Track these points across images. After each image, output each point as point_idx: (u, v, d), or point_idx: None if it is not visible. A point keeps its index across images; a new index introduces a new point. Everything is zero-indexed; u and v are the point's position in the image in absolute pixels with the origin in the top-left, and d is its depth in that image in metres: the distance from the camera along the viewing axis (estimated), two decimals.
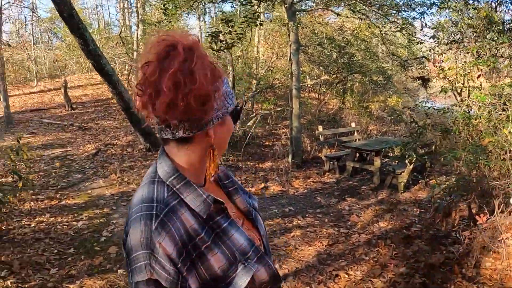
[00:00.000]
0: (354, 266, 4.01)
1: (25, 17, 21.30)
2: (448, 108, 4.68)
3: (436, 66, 6.14)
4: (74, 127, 11.81)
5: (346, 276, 3.81)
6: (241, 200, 1.19)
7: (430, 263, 3.75)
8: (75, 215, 5.42)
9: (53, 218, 5.29)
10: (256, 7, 7.46)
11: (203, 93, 0.93)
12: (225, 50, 6.25)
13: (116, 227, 4.96)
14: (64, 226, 5.02)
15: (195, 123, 0.98)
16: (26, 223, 5.14)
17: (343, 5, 7.75)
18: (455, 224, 3.81)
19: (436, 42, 5.31)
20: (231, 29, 6.14)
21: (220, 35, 6.11)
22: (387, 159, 8.30)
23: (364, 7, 7.86)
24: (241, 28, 6.25)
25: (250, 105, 12.14)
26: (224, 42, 6.08)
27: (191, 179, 1.02)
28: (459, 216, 3.75)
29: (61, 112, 14.10)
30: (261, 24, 7.21)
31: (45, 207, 5.73)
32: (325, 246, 4.58)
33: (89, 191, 6.50)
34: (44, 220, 5.25)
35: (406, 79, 13.22)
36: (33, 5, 20.64)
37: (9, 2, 15.09)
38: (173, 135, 1.00)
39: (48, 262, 4.08)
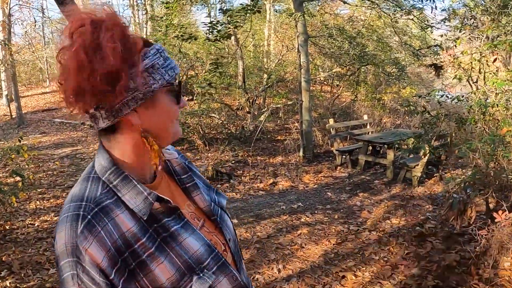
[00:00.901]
0: (362, 267, 3.78)
1: (34, 19, 21.57)
2: (462, 96, 4.38)
3: (450, 55, 5.84)
4: (85, 126, 11.86)
5: (354, 277, 3.59)
6: (201, 197, 1.01)
7: (445, 264, 3.48)
8: None
9: (57, 217, 5.22)
10: None
11: (110, 69, 0.74)
12: (221, 40, 6.07)
13: None
14: None
15: (110, 109, 0.79)
16: (30, 222, 5.10)
17: None
18: (471, 222, 3.53)
19: (449, 28, 5.01)
20: (229, 19, 5.94)
21: (218, 25, 5.92)
22: (400, 152, 8.00)
23: None
24: (238, 16, 6.04)
25: (261, 99, 11.93)
26: (220, 32, 5.89)
27: (132, 174, 0.87)
28: (475, 213, 3.48)
29: (72, 112, 14.17)
30: (259, 12, 6.97)
31: (50, 206, 5.68)
32: (333, 244, 4.36)
33: None
34: (48, 219, 5.20)
35: (421, 70, 12.82)
36: (42, 7, 20.89)
37: (17, 4, 15.21)
38: (97, 125, 0.84)
39: (48, 261, 4.01)
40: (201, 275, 0.85)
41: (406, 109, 8.51)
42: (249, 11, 6.16)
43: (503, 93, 3.56)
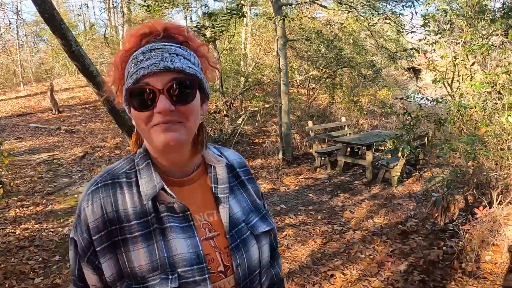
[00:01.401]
0: (349, 265, 3.87)
1: (9, 21, 20.86)
2: (441, 98, 4.56)
3: (427, 58, 6.04)
4: (61, 131, 11.61)
5: (342, 276, 3.66)
6: (226, 212, 0.96)
7: (429, 260, 3.61)
8: (61, 221, 5.24)
9: (38, 224, 5.12)
10: (242, 1, 7.28)
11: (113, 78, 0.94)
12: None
13: None
14: (50, 233, 4.84)
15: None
16: (10, 230, 4.97)
17: None
18: (454, 218, 3.68)
19: (426, 32, 5.20)
20: (214, 23, 5.94)
21: (203, 29, 5.92)
22: (378, 153, 8.19)
23: None
24: (223, 21, 6.05)
25: (238, 102, 11.97)
26: (204, 36, 5.90)
27: (157, 163, 0.94)
28: (458, 210, 3.62)
29: (48, 116, 13.83)
30: (244, 16, 7.02)
31: (31, 214, 5.55)
32: (319, 244, 4.43)
33: (76, 196, 6.32)
34: (29, 227, 5.08)
35: (396, 72, 13.15)
36: (17, 9, 20.25)
37: None
38: None
39: (32, 271, 3.93)
40: (167, 277, 0.84)
41: (384, 110, 8.73)
42: (234, 15, 6.18)
43: (481, 95, 3.74)
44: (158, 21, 0.90)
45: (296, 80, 12.98)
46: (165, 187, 0.89)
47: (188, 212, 0.90)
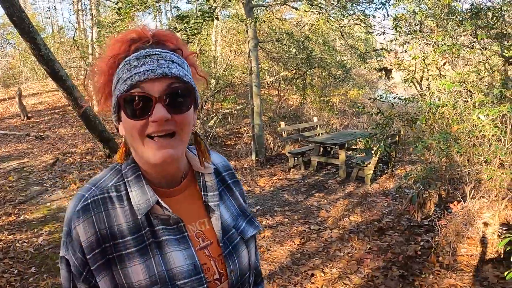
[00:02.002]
0: (329, 264, 3.89)
1: None
2: (414, 98, 4.68)
3: (397, 58, 6.19)
4: (30, 137, 11.21)
5: (323, 274, 3.67)
6: (218, 220, 0.96)
7: (407, 255, 3.68)
8: (35, 230, 5.02)
9: (12, 235, 4.89)
10: (212, 1, 7.21)
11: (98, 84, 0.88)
12: None
13: None
14: (24, 244, 4.62)
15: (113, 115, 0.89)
16: None
17: None
18: (430, 214, 3.77)
19: (397, 33, 5.33)
20: (186, 26, 5.86)
21: (175, 32, 5.85)
22: (350, 151, 8.32)
23: (323, 0, 7.83)
24: (196, 24, 5.99)
25: (210, 105, 11.89)
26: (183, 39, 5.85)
27: (147, 175, 0.90)
28: (434, 205, 3.72)
29: (16, 122, 13.31)
30: (217, 19, 6.98)
31: (3, 224, 5.28)
32: (297, 245, 4.44)
33: (48, 204, 6.07)
34: (3, 238, 4.83)
35: (365, 72, 13.43)
36: None
37: None
38: None
39: (9, 284, 3.74)
40: None
41: (355, 110, 8.88)
42: (206, 18, 6.12)
43: (452, 94, 3.86)
44: (145, 27, 0.86)
45: (266, 81, 13.04)
46: (160, 200, 0.87)
47: (182, 224, 0.89)
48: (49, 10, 31.59)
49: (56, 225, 5.19)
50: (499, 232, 3.51)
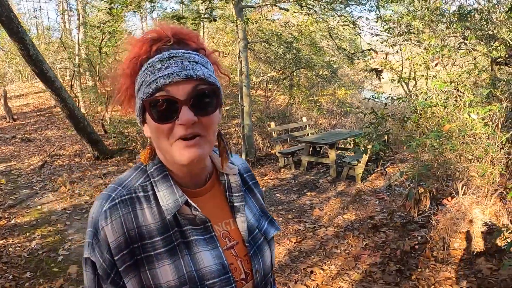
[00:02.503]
0: (327, 261, 3.98)
1: None
2: (405, 97, 4.81)
3: (385, 59, 6.33)
4: (17, 140, 11.02)
5: (322, 271, 3.76)
6: (243, 220, 0.97)
7: (403, 250, 3.80)
8: (27, 234, 4.95)
9: (4, 240, 4.81)
10: (200, 6, 7.23)
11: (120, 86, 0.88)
12: None
13: (73, 243, 4.56)
14: (17, 248, 4.56)
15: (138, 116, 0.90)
16: None
17: (291, 0, 7.71)
18: (426, 210, 3.90)
19: (389, 35, 5.46)
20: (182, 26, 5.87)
21: None
22: (339, 151, 8.45)
23: (312, 1, 7.92)
24: (193, 25, 6.00)
25: None
26: None
27: (174, 175, 0.90)
28: (429, 202, 3.85)
29: (2, 125, 13.04)
30: (215, 20, 7.00)
31: None
32: (294, 243, 4.51)
33: (39, 207, 5.99)
34: None
35: (351, 72, 13.60)
36: None
37: None
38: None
39: None
40: None
41: (344, 110, 9.03)
42: (204, 19, 6.13)
43: (443, 93, 4.00)
44: (164, 25, 0.85)
45: (254, 82, 13.11)
46: (189, 200, 0.87)
47: (209, 224, 0.90)
48: (35, 11, 31.00)
49: (49, 228, 5.14)
50: (489, 226, 3.66)
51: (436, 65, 4.11)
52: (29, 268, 4.08)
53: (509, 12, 3.26)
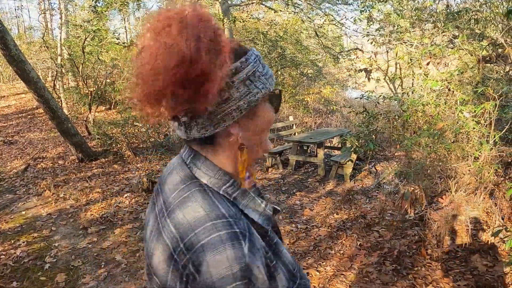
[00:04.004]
0: (322, 262, 3.95)
1: None
2: (397, 96, 4.83)
3: (370, 58, 6.36)
4: None
5: (318, 273, 3.73)
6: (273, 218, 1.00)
7: (398, 249, 3.80)
8: (12, 241, 4.77)
9: None
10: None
11: (196, 74, 0.68)
12: None
13: (59, 250, 4.40)
14: (2, 256, 4.39)
15: (210, 118, 0.76)
16: None
17: None
18: (422, 209, 3.91)
19: (381, 36, 5.49)
20: None
21: None
22: (326, 149, 8.46)
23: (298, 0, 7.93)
24: None
25: None
26: None
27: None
28: (425, 200, 3.86)
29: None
30: None
31: None
32: (288, 244, 4.48)
33: (23, 212, 5.79)
34: None
35: (335, 70, 13.68)
36: None
37: None
38: (187, 134, 0.80)
39: None
40: (297, 283, 0.87)
41: (330, 108, 9.05)
42: None
43: (435, 92, 4.02)
44: None
45: None
46: (275, 206, 0.89)
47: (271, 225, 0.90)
48: (16, 10, 30.25)
49: (34, 235, 4.97)
50: (481, 224, 3.70)
51: (428, 64, 4.15)
52: (16, 277, 3.92)
53: (509, 14, 3.29)
